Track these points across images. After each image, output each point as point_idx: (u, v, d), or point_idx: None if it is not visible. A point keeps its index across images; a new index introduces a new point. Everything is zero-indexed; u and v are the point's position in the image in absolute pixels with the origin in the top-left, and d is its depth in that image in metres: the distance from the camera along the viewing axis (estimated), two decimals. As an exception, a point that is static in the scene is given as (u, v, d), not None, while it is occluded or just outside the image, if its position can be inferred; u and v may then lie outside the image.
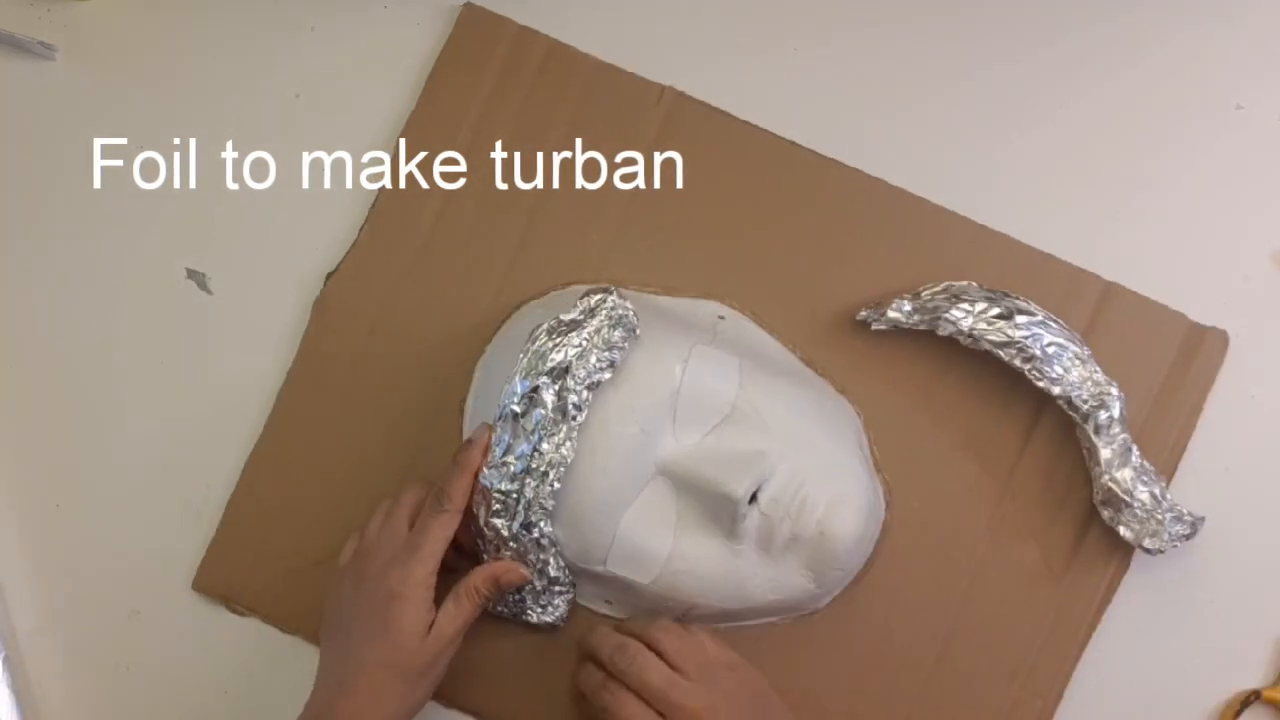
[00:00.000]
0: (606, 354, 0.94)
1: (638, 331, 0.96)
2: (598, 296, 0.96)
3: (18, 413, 1.10)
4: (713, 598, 0.98)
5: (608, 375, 0.94)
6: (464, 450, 0.96)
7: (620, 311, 0.96)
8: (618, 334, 0.95)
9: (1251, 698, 1.02)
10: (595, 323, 0.95)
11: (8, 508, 1.10)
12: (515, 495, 0.95)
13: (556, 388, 0.93)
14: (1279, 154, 1.07)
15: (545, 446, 0.94)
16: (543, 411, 0.93)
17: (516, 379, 0.94)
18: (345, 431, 1.07)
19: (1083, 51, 1.09)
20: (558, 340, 0.94)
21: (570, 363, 0.94)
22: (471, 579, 0.96)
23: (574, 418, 0.94)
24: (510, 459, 0.95)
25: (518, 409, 0.94)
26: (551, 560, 0.99)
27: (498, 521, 0.96)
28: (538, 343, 0.95)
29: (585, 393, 0.94)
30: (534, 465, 0.94)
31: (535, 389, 0.93)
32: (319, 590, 1.03)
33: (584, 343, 0.94)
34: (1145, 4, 1.09)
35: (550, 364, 0.94)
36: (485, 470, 0.96)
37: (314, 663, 1.00)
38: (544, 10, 1.09)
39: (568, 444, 0.94)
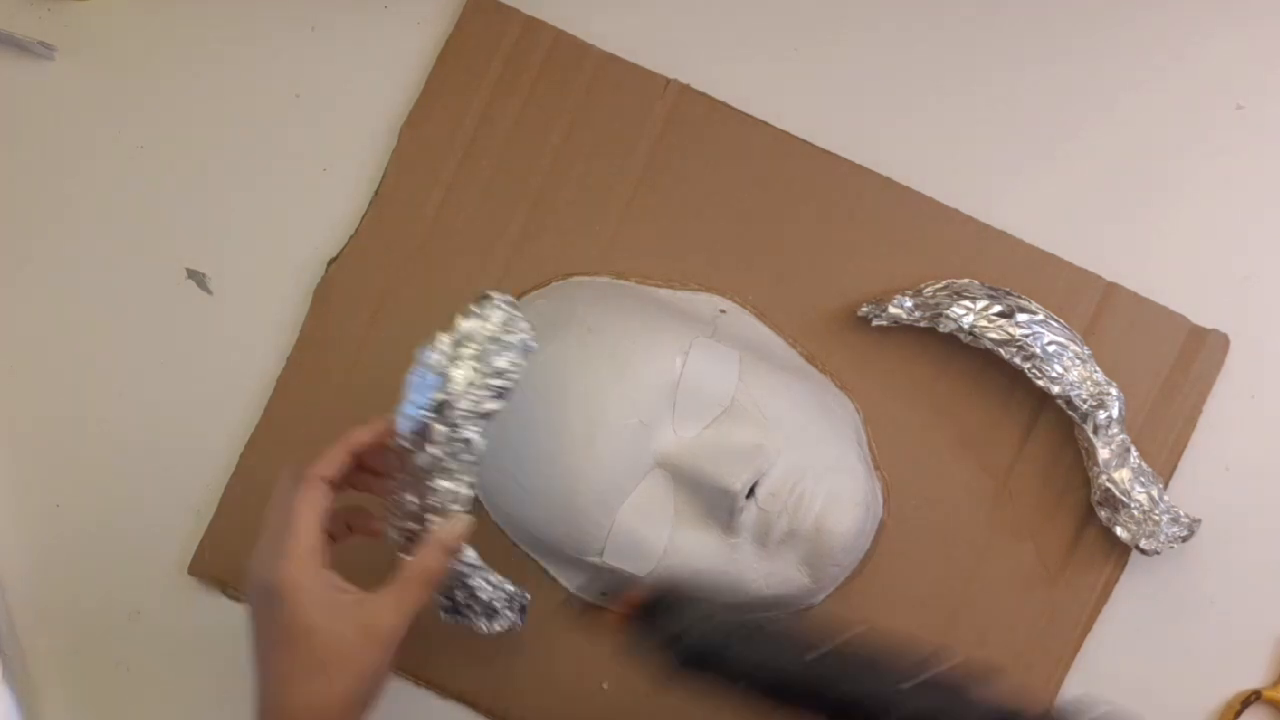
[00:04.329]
0: (496, 380, 0.89)
1: (533, 344, 0.91)
2: (472, 322, 0.90)
3: (18, 413, 1.13)
4: (708, 591, 0.99)
5: (497, 405, 0.90)
6: (349, 430, 0.93)
7: (506, 333, 0.91)
8: (505, 360, 0.90)
9: (1251, 698, 1.05)
10: (473, 349, 0.90)
11: (8, 508, 1.12)
12: (419, 532, 0.92)
13: (446, 427, 0.89)
14: (1279, 154, 1.10)
15: (439, 484, 0.90)
16: (435, 450, 0.90)
17: (402, 415, 0.90)
18: (344, 418, 1.03)
19: (1083, 52, 1.11)
20: (440, 370, 0.89)
21: (454, 398, 0.89)
22: (414, 562, 0.90)
23: (466, 454, 0.90)
24: (410, 496, 0.91)
25: (407, 445, 0.90)
26: (480, 582, 0.98)
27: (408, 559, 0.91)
28: (418, 373, 0.90)
29: (475, 426, 0.90)
30: (431, 502, 0.91)
31: (424, 425, 0.89)
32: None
33: (470, 373, 0.89)
34: (1146, 4, 1.11)
35: (434, 399, 0.89)
36: (390, 503, 0.93)
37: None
38: (551, 1, 1.11)
39: (463, 481, 0.91)
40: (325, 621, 0.86)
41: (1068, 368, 1.03)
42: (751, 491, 0.98)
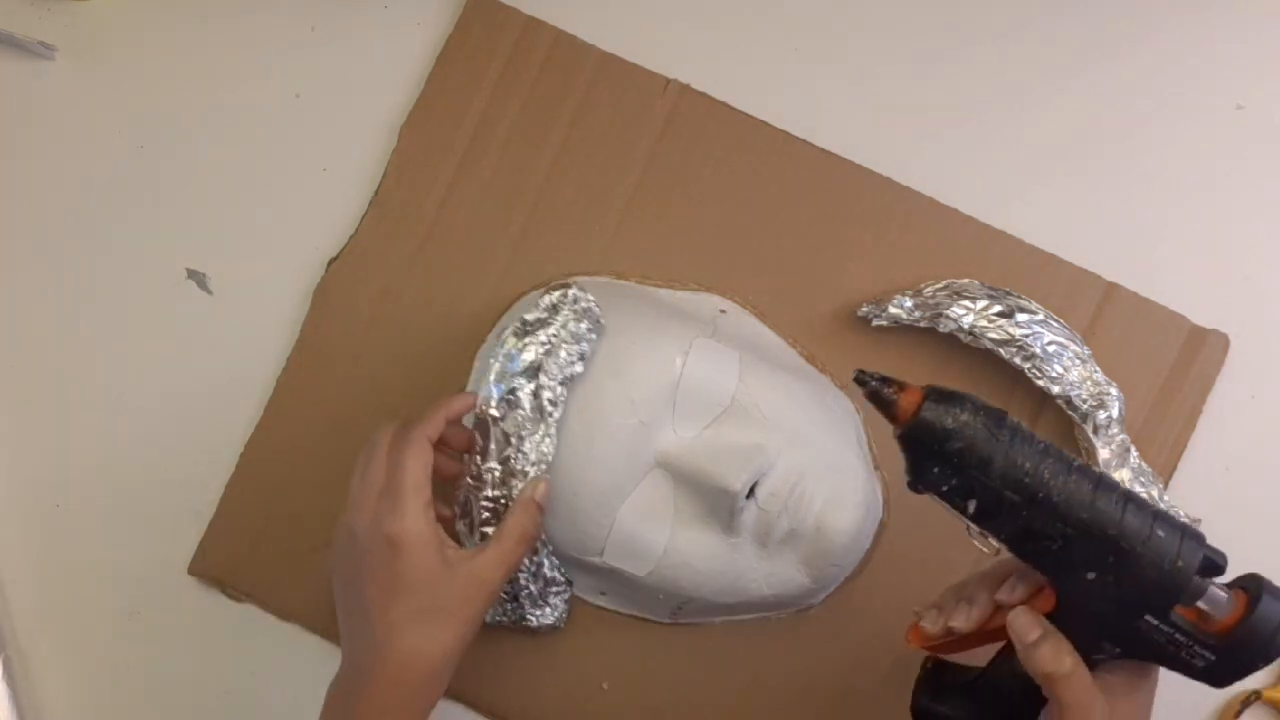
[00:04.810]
0: (575, 347, 0.98)
1: (602, 322, 1.00)
2: (558, 293, 1.00)
3: (18, 413, 1.13)
4: (708, 591, 1.01)
5: (579, 368, 0.98)
6: (447, 396, 0.98)
7: (584, 304, 0.99)
8: (584, 326, 0.99)
9: (1251, 698, 1.05)
10: (560, 318, 0.99)
11: (8, 508, 1.12)
12: (504, 499, 0.98)
13: (531, 387, 0.97)
14: (1279, 154, 1.10)
15: (527, 446, 0.97)
16: (521, 412, 0.97)
17: (490, 384, 0.98)
18: (344, 418, 1.09)
19: (1084, 52, 1.11)
20: (526, 340, 0.98)
21: (541, 360, 0.98)
22: (511, 520, 0.95)
23: (550, 414, 0.97)
24: (493, 464, 0.98)
25: (495, 413, 0.98)
26: (546, 560, 1.02)
27: (489, 530, 0.98)
28: (506, 345, 0.99)
29: (560, 388, 0.98)
30: (518, 466, 0.97)
31: (511, 390, 0.97)
32: (316, 577, 1.07)
33: (551, 339, 0.98)
34: (1145, 5, 1.11)
35: (522, 364, 0.98)
36: (469, 481, 0.99)
37: (314, 657, 1.05)
38: (551, 1, 1.11)
39: (547, 440, 0.97)
40: (442, 572, 0.92)
41: (1068, 368, 1.03)
42: (751, 491, 0.98)
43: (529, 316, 0.99)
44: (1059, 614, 0.85)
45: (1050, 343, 1.03)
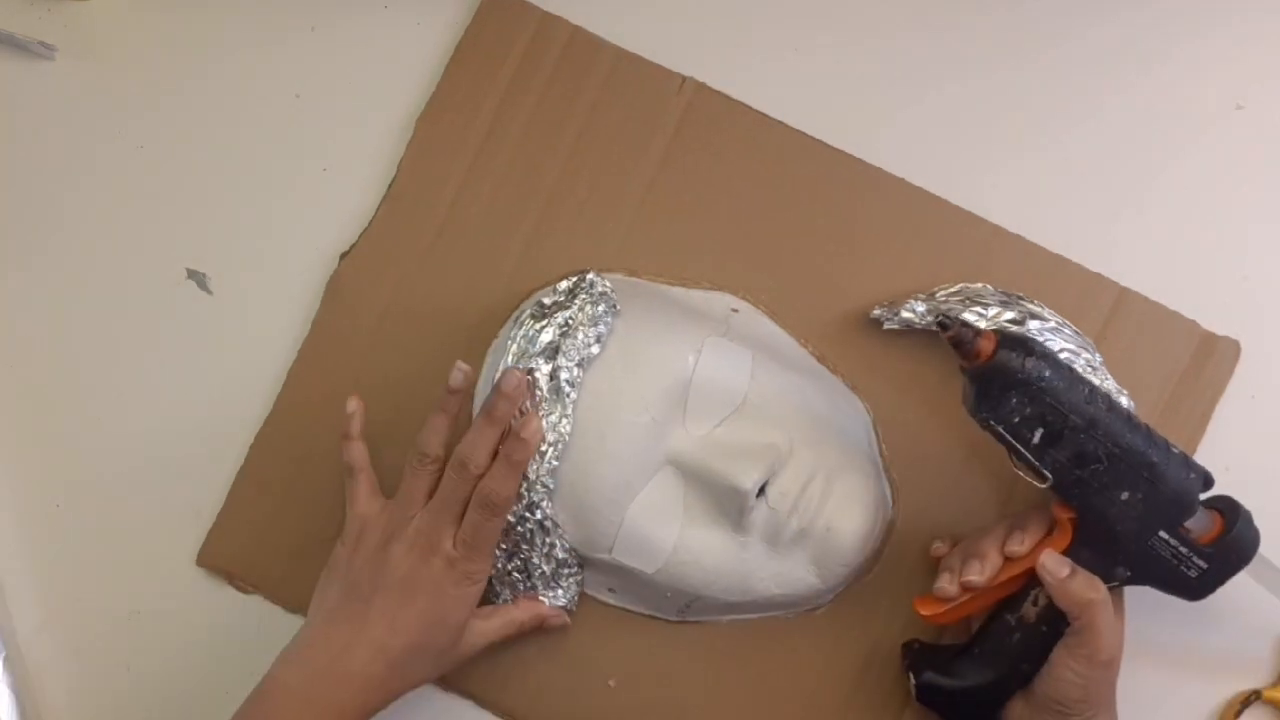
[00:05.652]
0: (593, 329, 0.99)
1: (618, 306, 1.00)
2: (575, 278, 1.02)
3: (18, 413, 1.13)
4: (717, 589, 1.01)
5: (596, 349, 0.99)
6: (517, 447, 0.97)
7: (600, 289, 1.01)
8: (600, 309, 1.00)
9: (1251, 698, 1.06)
10: (578, 301, 1.00)
11: (8, 508, 1.12)
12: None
13: (549, 368, 0.98)
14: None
15: (543, 426, 0.97)
16: (539, 392, 0.97)
17: (509, 364, 0.99)
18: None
19: (1085, 55, 1.12)
20: (543, 322, 0.99)
21: (559, 341, 0.99)
22: (517, 612, 1.03)
23: (568, 395, 0.97)
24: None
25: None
26: (557, 543, 1.02)
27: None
28: (524, 327, 1.00)
29: (577, 369, 0.98)
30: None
31: (529, 371, 0.98)
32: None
33: (569, 321, 0.99)
34: (1146, 5, 1.12)
35: (540, 345, 0.98)
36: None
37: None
38: None
39: (564, 421, 0.97)
40: (461, 620, 1.01)
41: (1078, 375, 1.03)
42: (762, 491, 0.99)
43: (546, 300, 1.00)
44: (1073, 551, 0.97)
45: (1061, 351, 1.03)
